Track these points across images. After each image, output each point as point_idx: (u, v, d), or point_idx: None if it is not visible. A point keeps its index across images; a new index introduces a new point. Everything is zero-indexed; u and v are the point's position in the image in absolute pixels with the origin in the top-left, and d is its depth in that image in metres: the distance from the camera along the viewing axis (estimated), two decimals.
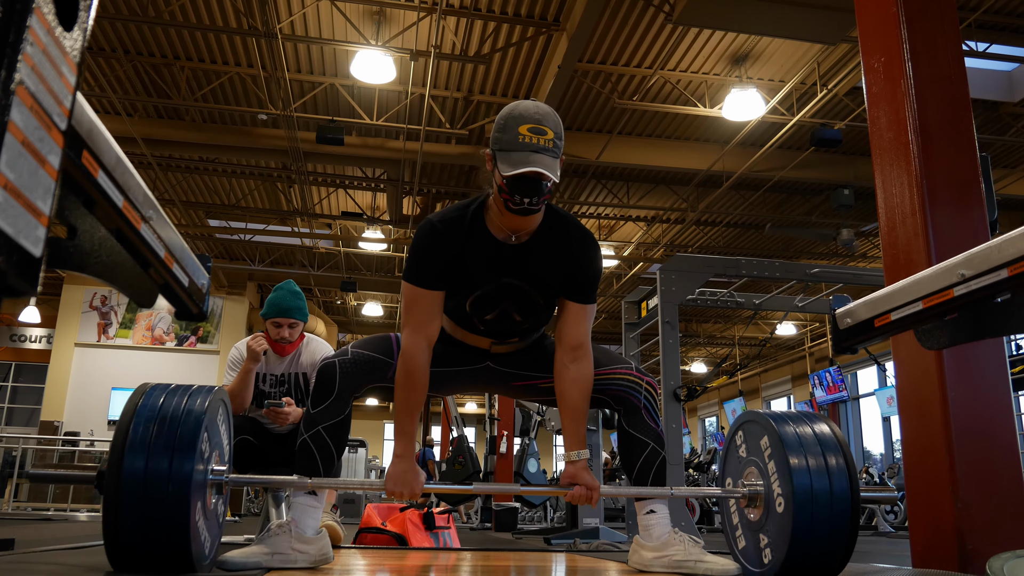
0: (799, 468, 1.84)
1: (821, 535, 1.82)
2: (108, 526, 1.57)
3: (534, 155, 1.74)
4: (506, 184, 1.77)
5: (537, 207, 1.81)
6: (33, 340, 16.56)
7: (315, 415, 1.97)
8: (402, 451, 1.89)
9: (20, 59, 0.55)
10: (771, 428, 1.93)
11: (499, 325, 1.99)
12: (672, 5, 6.69)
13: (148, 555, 1.60)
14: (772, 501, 1.92)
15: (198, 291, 1.57)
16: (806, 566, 1.84)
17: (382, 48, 7.49)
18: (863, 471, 11.31)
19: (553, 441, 25.27)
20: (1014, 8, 7.08)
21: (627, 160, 9.34)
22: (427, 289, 1.88)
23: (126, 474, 1.57)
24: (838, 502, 1.83)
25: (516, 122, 1.78)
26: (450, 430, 9.89)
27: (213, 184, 11.23)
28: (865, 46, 2.86)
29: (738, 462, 2.11)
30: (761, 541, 1.96)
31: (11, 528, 5.05)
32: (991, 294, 1.42)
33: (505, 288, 1.92)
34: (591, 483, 1.90)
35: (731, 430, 2.18)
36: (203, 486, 1.73)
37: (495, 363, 2.10)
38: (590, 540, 4.62)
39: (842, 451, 1.89)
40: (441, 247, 1.88)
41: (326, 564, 1.97)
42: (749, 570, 2.00)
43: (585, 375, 1.95)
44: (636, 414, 2.06)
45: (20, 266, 0.56)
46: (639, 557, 2.04)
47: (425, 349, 1.87)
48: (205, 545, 1.76)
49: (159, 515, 1.57)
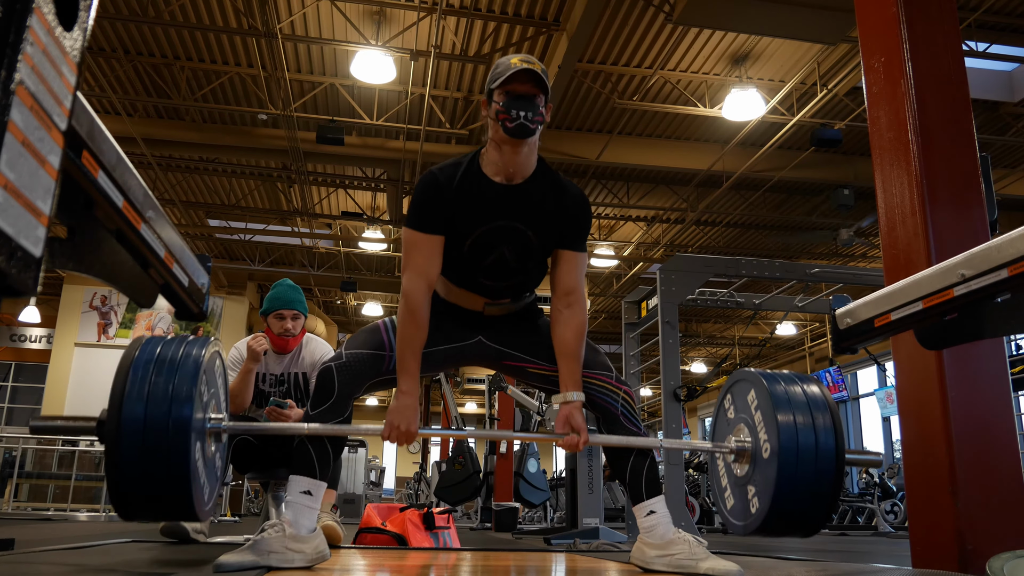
0: (786, 417, 1.89)
1: (805, 482, 1.86)
2: (111, 474, 1.59)
3: (527, 70, 1.91)
4: (502, 103, 1.91)
5: (532, 126, 1.92)
6: (33, 340, 16.55)
7: (314, 416, 1.98)
8: (406, 388, 1.94)
9: (20, 59, 0.55)
10: (759, 382, 2.00)
11: (495, 274, 2.03)
12: (672, 5, 6.69)
13: (150, 501, 1.63)
14: (759, 451, 1.97)
15: (198, 291, 1.57)
16: (791, 512, 1.88)
17: (382, 48, 7.49)
18: (863, 471, 11.31)
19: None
20: (1014, 8, 7.08)
21: (627, 160, 9.35)
22: (427, 233, 1.97)
23: (125, 421, 1.58)
24: (823, 452, 1.87)
25: (507, 59, 1.97)
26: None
27: (213, 184, 11.23)
28: (865, 46, 2.85)
29: (727, 424, 2.17)
30: (748, 493, 2.01)
31: (11, 528, 5.05)
32: (991, 294, 1.42)
33: (502, 230, 1.99)
34: (581, 426, 1.97)
35: (720, 394, 2.23)
36: (202, 433, 1.74)
37: (487, 338, 2.13)
38: (590, 540, 4.62)
39: (828, 408, 1.94)
40: (441, 192, 1.97)
41: (323, 563, 1.97)
42: (737, 525, 2.05)
43: (579, 319, 2.04)
44: (615, 421, 2.09)
45: (20, 266, 0.56)
46: (641, 554, 2.04)
47: (425, 290, 1.95)
48: (204, 492, 1.78)
49: (160, 461, 1.59)
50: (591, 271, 13.35)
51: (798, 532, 2.00)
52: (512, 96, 1.91)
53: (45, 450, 11.64)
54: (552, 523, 11.09)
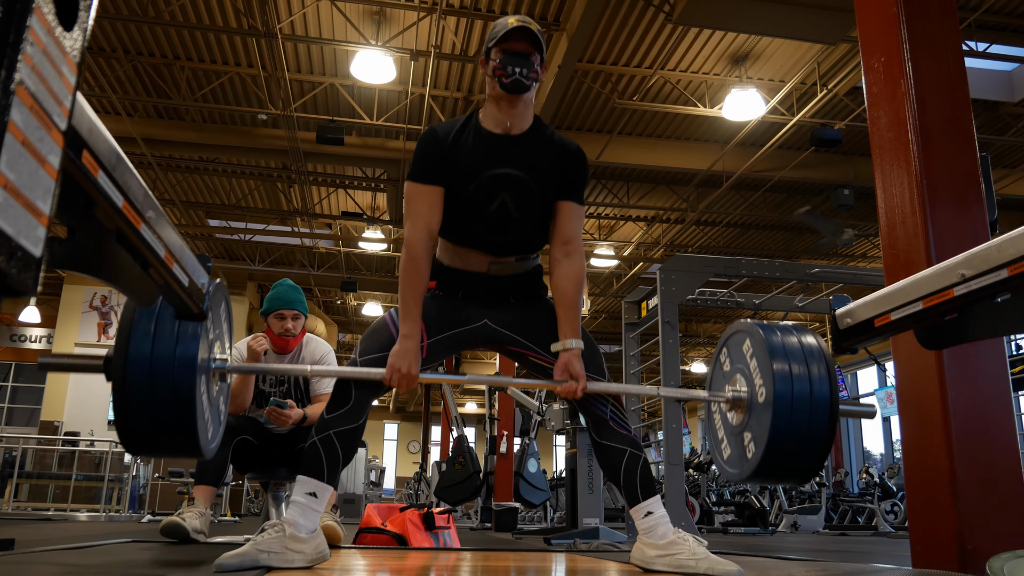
0: (781, 364, 1.93)
1: (800, 427, 1.89)
2: (118, 410, 1.62)
3: (523, 27, 2.00)
4: (499, 60, 2.00)
5: (527, 82, 2.00)
6: (33, 340, 16.55)
7: (329, 420, 1.97)
8: (408, 331, 1.98)
9: (20, 59, 0.55)
10: (755, 332, 2.04)
11: (497, 227, 2.05)
12: (672, 5, 6.69)
13: (157, 436, 1.65)
14: (755, 398, 2.00)
15: (198, 291, 1.57)
16: (786, 457, 1.91)
17: (382, 48, 7.49)
18: (863, 471, 11.31)
19: (553, 441, 25.28)
20: (1014, 8, 7.08)
21: (627, 160, 9.35)
22: (428, 184, 2.03)
23: (132, 358, 1.59)
24: (817, 398, 1.90)
25: (504, 19, 2.05)
26: (450, 430, 9.90)
27: (213, 184, 11.23)
28: (865, 46, 2.85)
29: (723, 377, 2.20)
30: (744, 440, 2.04)
31: (11, 528, 5.05)
32: (991, 294, 1.42)
33: (502, 177, 2.04)
34: (580, 373, 2.01)
35: (717, 348, 2.27)
36: (207, 372, 1.77)
37: (493, 321, 2.13)
38: (590, 540, 4.62)
39: (824, 357, 1.96)
40: (440, 144, 2.04)
41: (323, 563, 1.97)
42: (733, 472, 2.07)
43: (578, 269, 2.10)
44: (603, 425, 2.09)
45: (20, 266, 0.56)
46: (642, 555, 2.04)
47: (426, 238, 2.02)
48: (209, 430, 1.80)
49: (166, 398, 1.61)
50: (591, 271, 13.35)
51: (793, 476, 2.02)
52: (509, 53, 2.00)
53: (45, 450, 11.65)
54: (552, 523, 11.09)
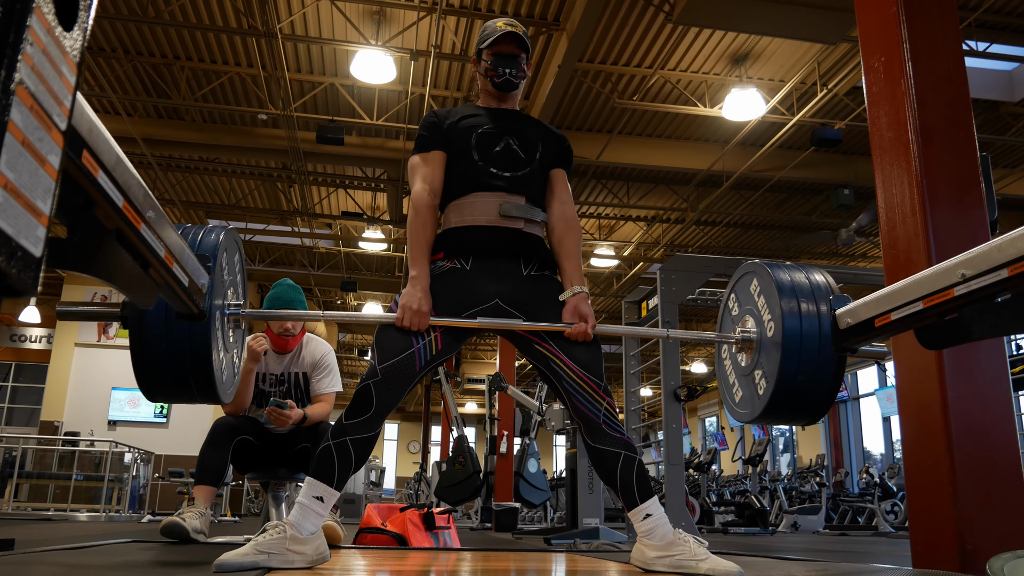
0: (789, 300, 1.95)
1: (809, 363, 1.91)
2: (136, 356, 1.64)
3: (512, 32, 2.20)
4: (491, 62, 2.23)
5: (516, 81, 2.24)
6: (33, 340, 16.56)
7: (348, 426, 1.95)
8: (417, 273, 2.08)
9: (20, 59, 0.55)
10: (763, 271, 2.07)
11: (504, 162, 2.19)
12: (672, 5, 6.69)
13: (175, 381, 1.68)
14: (764, 335, 2.03)
15: (198, 291, 1.57)
16: (796, 393, 1.93)
17: (382, 48, 7.49)
18: (863, 471, 11.31)
19: (553, 441, 25.29)
20: (1014, 8, 7.08)
21: (627, 160, 9.35)
22: (430, 151, 2.21)
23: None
24: (825, 333, 1.92)
25: (492, 23, 2.26)
26: (450, 430, 9.89)
27: (213, 184, 11.23)
28: (865, 46, 2.85)
29: (731, 321, 2.23)
30: (755, 379, 2.05)
31: (11, 528, 5.05)
32: (991, 294, 1.42)
33: (505, 127, 2.24)
34: (588, 313, 2.11)
35: (725, 294, 2.31)
36: (222, 317, 1.79)
37: (504, 300, 2.13)
38: (590, 540, 4.62)
39: (832, 293, 1.99)
40: (440, 121, 2.25)
41: (324, 563, 1.97)
42: (744, 412, 2.10)
43: (576, 224, 2.29)
44: (596, 428, 2.07)
45: (20, 266, 0.56)
46: (642, 556, 2.04)
47: (431, 193, 2.17)
48: (224, 374, 1.82)
49: (182, 342, 1.63)
50: (592, 271, 13.36)
51: (804, 414, 2.04)
52: (499, 56, 2.23)
53: (45, 450, 11.64)
54: (552, 523, 11.09)
